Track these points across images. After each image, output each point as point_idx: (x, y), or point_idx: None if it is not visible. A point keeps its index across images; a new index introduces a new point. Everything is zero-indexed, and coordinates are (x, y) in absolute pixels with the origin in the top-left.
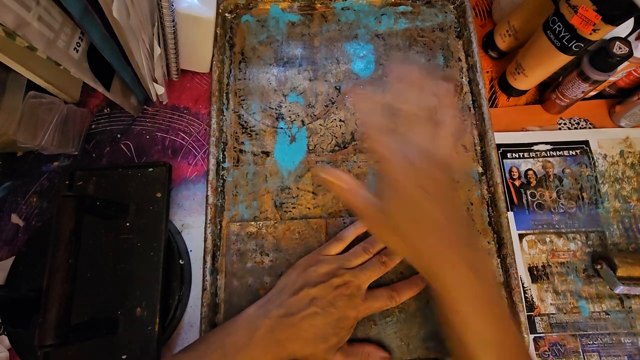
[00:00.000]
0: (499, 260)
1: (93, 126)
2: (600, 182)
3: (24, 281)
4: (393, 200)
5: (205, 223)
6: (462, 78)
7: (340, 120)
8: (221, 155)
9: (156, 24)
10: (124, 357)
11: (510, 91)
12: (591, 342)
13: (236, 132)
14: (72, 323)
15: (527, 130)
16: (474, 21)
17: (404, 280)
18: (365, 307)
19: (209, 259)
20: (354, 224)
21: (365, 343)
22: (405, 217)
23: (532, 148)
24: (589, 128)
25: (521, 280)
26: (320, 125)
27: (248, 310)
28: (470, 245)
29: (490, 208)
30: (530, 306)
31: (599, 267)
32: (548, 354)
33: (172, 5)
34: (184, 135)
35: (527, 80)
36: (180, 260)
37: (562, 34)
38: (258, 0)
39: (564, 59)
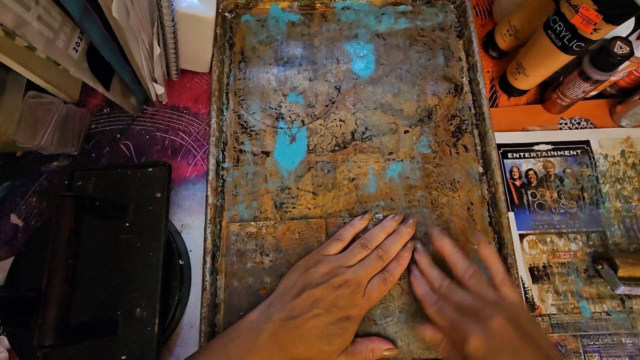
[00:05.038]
0: None
1: (92, 126)
2: (601, 182)
3: (23, 281)
4: None
5: (205, 223)
6: (463, 78)
7: (341, 120)
8: (221, 155)
9: (156, 23)
10: (123, 357)
11: (510, 91)
12: (592, 343)
13: (236, 132)
14: (72, 323)
15: (527, 130)
16: (474, 21)
17: (392, 262)
18: (366, 301)
19: (208, 259)
20: (351, 223)
21: (367, 338)
22: None
23: (533, 148)
24: (590, 128)
25: (522, 281)
26: (321, 125)
27: (250, 315)
28: None
29: (490, 208)
30: (531, 306)
31: (600, 267)
32: None
33: (172, 4)
34: (183, 135)
35: (528, 80)
36: (180, 261)
37: (563, 33)
38: (258, 0)
39: (564, 59)
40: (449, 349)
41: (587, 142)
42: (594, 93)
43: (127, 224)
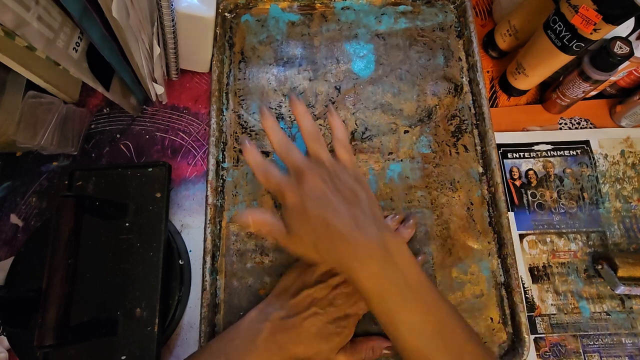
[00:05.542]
0: (499, 260)
1: (92, 126)
2: (601, 182)
3: (23, 281)
4: (296, 220)
5: (205, 223)
6: (463, 78)
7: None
8: (221, 155)
9: (156, 23)
10: (123, 357)
11: (510, 91)
12: (592, 343)
13: (236, 132)
14: (72, 323)
15: (527, 130)
16: (474, 21)
17: None
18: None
19: (208, 259)
20: None
21: (368, 337)
22: (311, 233)
23: (533, 148)
24: (590, 128)
25: (522, 281)
26: (320, 125)
27: (249, 315)
28: (384, 242)
29: (490, 208)
30: (531, 307)
31: (599, 267)
32: (549, 355)
33: (172, 4)
34: (183, 135)
35: (528, 80)
36: (180, 261)
37: (563, 33)
38: (258, 0)
39: (564, 59)
40: (278, 224)
41: (587, 142)
42: (593, 93)
43: (127, 224)
